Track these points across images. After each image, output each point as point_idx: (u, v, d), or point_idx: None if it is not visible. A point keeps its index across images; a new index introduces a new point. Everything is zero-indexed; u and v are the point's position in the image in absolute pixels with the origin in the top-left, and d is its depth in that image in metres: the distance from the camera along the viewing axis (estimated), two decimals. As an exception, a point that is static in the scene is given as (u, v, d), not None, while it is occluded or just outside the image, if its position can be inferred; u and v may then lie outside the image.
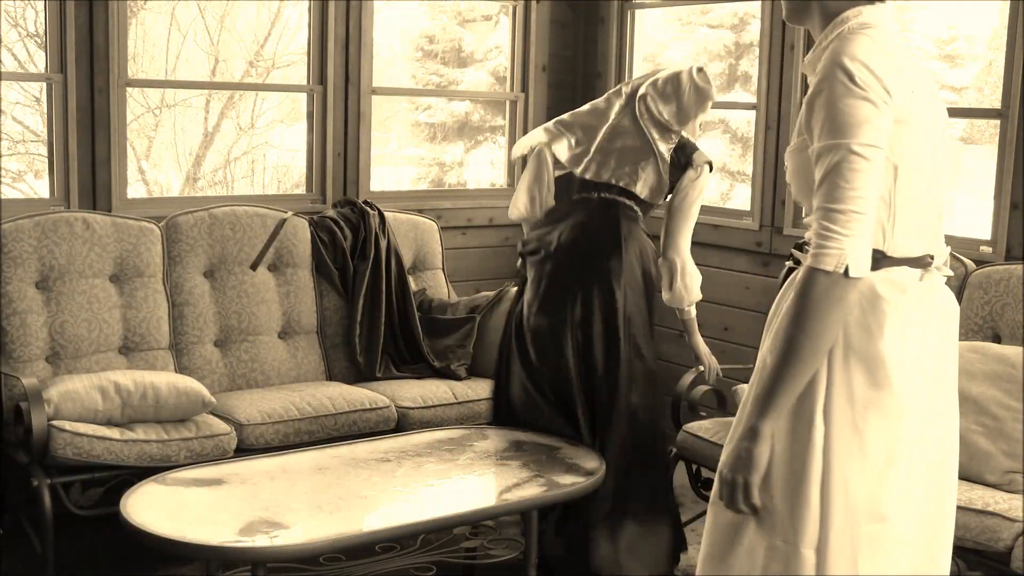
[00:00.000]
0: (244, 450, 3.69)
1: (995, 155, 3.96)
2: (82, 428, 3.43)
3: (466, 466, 3.38)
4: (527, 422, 3.73)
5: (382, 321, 4.43)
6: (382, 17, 5.26)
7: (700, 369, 3.97)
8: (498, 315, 4.40)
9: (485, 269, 5.18)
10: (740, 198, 6.25)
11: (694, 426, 3.78)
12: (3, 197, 4.28)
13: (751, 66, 6.14)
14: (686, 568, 3.77)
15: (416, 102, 7.11)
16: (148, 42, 6.07)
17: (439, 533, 3.46)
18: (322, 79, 4.75)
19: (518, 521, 3.65)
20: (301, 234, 4.44)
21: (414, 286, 4.63)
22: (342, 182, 4.83)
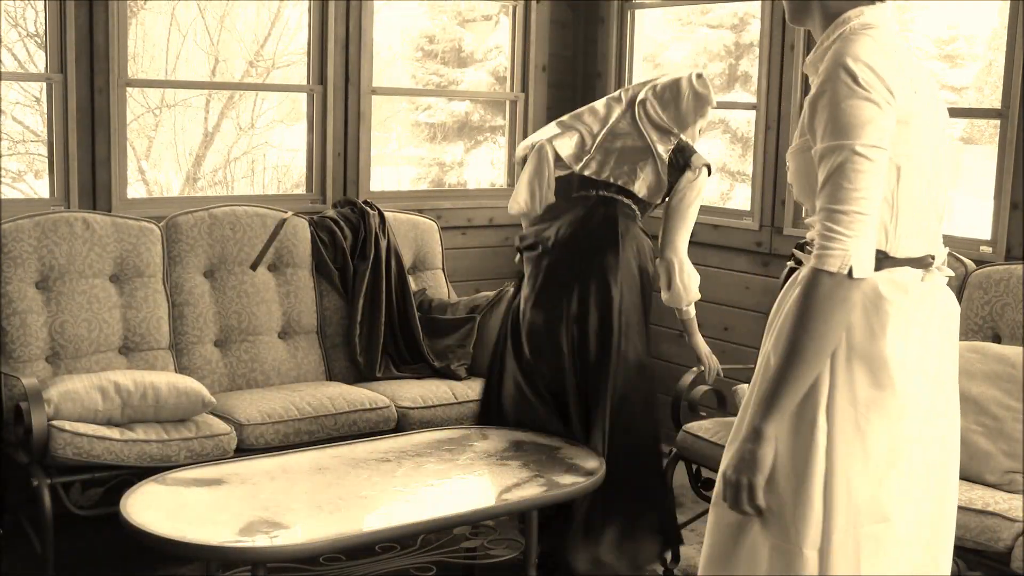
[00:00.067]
0: (244, 450, 3.69)
1: (995, 155, 3.96)
2: (82, 428, 3.43)
3: (466, 466, 3.38)
4: (519, 420, 3.74)
5: (382, 321, 4.43)
6: (382, 17, 5.26)
7: (701, 369, 3.98)
8: (498, 315, 4.40)
9: (485, 269, 5.18)
10: (740, 198, 6.25)
11: (694, 426, 3.78)
12: (3, 197, 4.28)
13: (751, 66, 6.14)
14: (686, 568, 3.76)
15: (416, 102, 7.11)
16: (148, 42, 6.06)
17: (439, 533, 3.46)
18: (322, 79, 4.75)
19: (519, 522, 3.64)
20: (301, 234, 4.44)
21: (414, 286, 4.63)
22: (342, 182, 4.83)
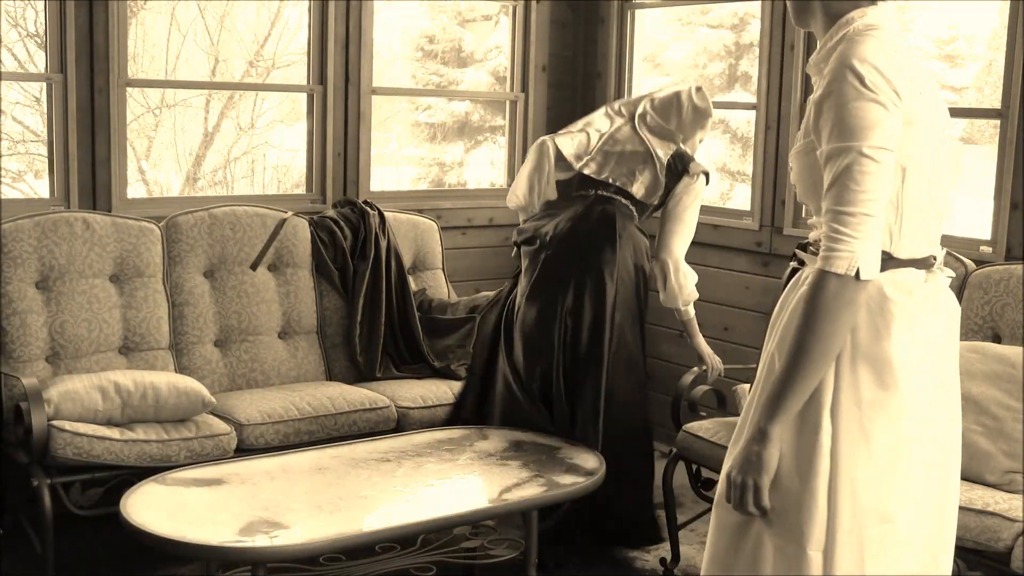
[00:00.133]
0: (244, 450, 3.69)
1: (995, 155, 3.96)
2: (82, 428, 3.42)
3: (466, 466, 3.38)
4: (507, 418, 3.76)
5: (382, 321, 4.42)
6: (382, 17, 5.26)
7: (703, 369, 3.99)
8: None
9: (485, 269, 5.18)
10: (740, 198, 6.26)
11: (694, 426, 3.78)
12: (3, 197, 4.28)
13: (751, 66, 6.15)
14: (687, 568, 3.77)
15: (416, 102, 7.11)
16: (148, 42, 6.07)
17: (439, 533, 3.46)
18: (322, 79, 4.75)
19: (519, 522, 3.65)
20: (301, 234, 4.44)
21: (414, 286, 4.63)
22: (342, 182, 4.83)
